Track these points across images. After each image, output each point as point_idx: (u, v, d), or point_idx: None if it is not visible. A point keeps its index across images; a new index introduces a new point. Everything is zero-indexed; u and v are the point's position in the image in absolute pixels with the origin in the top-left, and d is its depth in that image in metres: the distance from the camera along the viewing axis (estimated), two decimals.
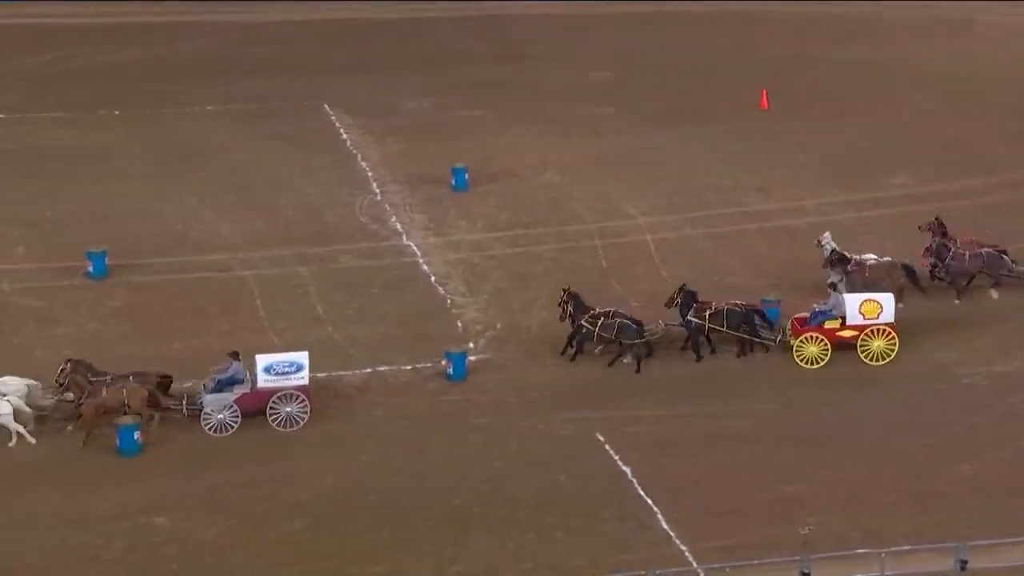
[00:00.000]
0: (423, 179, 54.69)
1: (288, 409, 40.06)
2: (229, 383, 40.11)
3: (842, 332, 43.21)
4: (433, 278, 48.04)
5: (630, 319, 43.24)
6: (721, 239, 50.62)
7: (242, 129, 59.22)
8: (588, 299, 43.75)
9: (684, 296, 43.55)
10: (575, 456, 38.80)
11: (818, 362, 43.01)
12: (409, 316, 45.89)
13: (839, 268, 45.87)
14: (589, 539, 35.59)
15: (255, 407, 39.99)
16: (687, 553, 35.03)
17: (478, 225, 51.52)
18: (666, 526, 36.04)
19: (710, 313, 43.37)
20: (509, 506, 36.77)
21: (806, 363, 43.03)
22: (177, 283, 47.35)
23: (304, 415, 40.12)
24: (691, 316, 43.37)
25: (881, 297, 43.64)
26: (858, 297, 43.70)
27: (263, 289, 47.07)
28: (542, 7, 74.05)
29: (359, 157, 56.84)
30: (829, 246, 46.55)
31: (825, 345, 43.03)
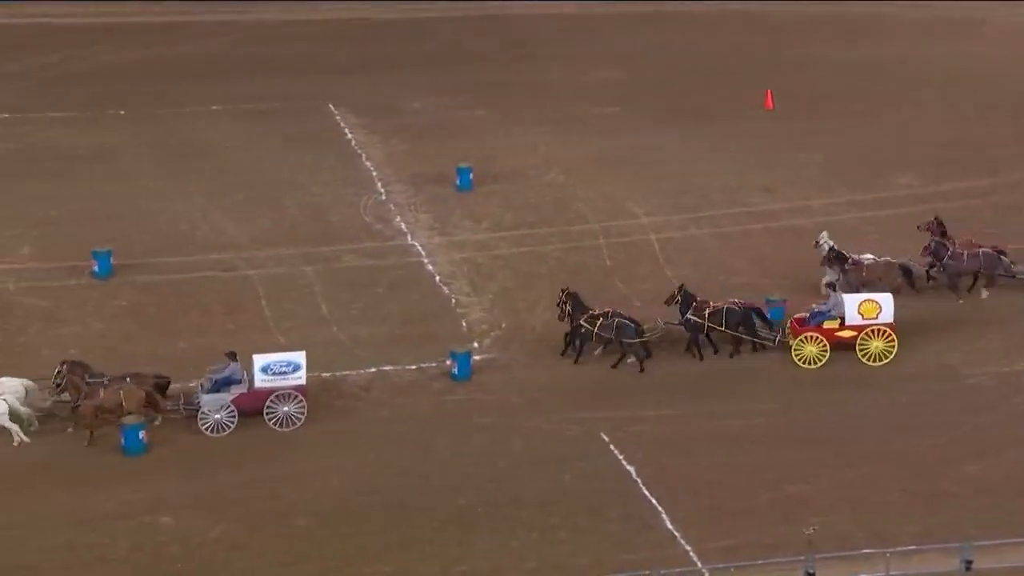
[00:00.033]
0: (428, 179, 54.65)
1: (285, 409, 40.02)
2: (226, 383, 40.07)
3: (841, 332, 43.20)
4: (438, 278, 48.02)
5: (628, 319, 43.24)
6: (726, 239, 50.59)
7: (246, 129, 59.17)
8: (592, 299, 43.76)
9: (683, 295, 43.59)
10: (579, 456, 38.79)
11: (817, 362, 43.02)
12: (414, 316, 45.88)
13: (836, 267, 45.91)
14: (593, 539, 35.57)
15: (252, 407, 39.94)
16: (692, 553, 35.03)
17: (483, 225, 51.49)
18: (671, 526, 36.04)
19: (709, 312, 43.42)
20: (514, 506, 36.76)
21: (804, 363, 43.04)
22: (182, 283, 47.32)
23: (301, 415, 40.06)
24: (690, 315, 43.43)
25: (880, 297, 43.61)
26: (857, 297, 43.69)
27: (268, 289, 47.05)
28: (543, 7, 74.01)
29: (364, 157, 56.80)
30: (826, 244, 46.57)
31: (824, 345, 43.02)
